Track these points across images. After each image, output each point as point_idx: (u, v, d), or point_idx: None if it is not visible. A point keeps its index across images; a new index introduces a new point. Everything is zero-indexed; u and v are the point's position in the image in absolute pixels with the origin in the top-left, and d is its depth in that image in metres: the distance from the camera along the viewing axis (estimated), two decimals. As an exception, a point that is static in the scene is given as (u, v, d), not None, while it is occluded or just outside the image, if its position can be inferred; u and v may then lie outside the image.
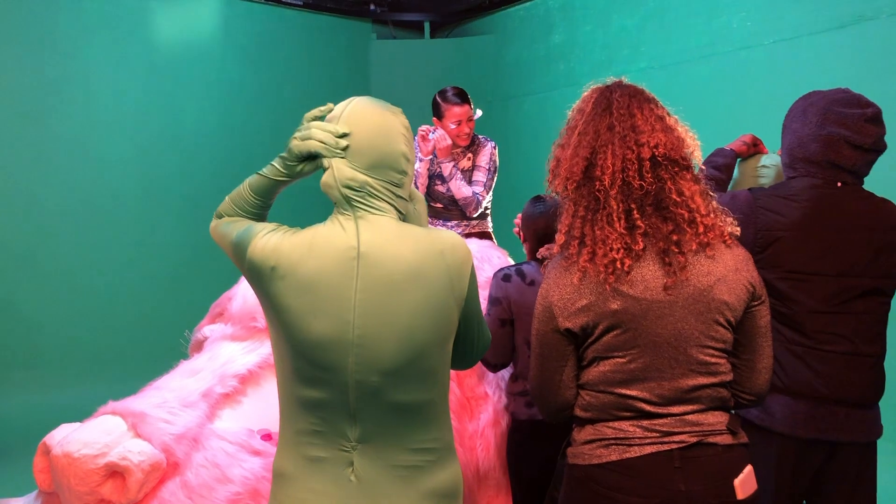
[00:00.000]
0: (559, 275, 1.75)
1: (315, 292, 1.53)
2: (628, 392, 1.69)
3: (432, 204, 3.79)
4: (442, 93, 3.60)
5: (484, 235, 3.75)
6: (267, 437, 2.25)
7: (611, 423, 1.72)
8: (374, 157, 1.57)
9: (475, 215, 3.68)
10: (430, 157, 3.62)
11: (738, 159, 2.65)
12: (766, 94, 4.51)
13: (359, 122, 1.59)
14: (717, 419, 1.71)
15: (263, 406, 2.35)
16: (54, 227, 5.40)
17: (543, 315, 1.76)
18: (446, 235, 1.61)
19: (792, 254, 2.11)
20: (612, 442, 1.70)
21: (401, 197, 1.63)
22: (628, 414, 1.70)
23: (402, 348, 1.52)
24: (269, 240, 1.60)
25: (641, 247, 1.68)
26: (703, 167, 2.15)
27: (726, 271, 1.69)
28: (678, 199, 1.71)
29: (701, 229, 1.70)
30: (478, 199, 3.61)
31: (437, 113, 3.61)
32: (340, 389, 1.54)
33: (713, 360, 1.70)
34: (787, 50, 4.52)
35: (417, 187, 3.66)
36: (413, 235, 1.57)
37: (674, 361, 1.68)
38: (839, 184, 2.14)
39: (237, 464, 2.08)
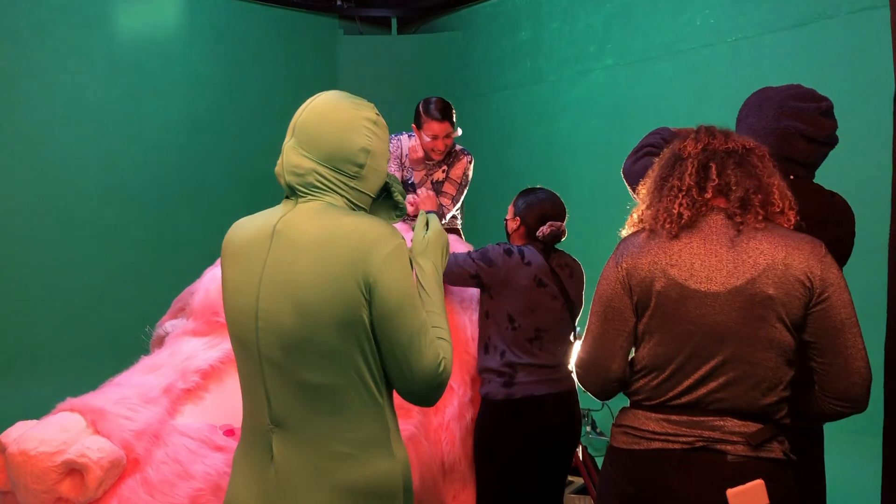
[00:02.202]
0: (631, 239, 1.79)
1: (236, 267, 1.62)
2: (656, 379, 1.72)
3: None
4: (426, 103, 3.48)
5: (451, 231, 3.75)
6: (229, 432, 2.23)
7: (639, 412, 1.75)
8: (329, 148, 1.59)
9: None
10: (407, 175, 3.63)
11: None
12: (728, 89, 4.54)
13: (317, 113, 1.61)
14: (739, 428, 1.65)
15: (226, 401, 2.33)
16: (12, 223, 5.28)
17: (614, 275, 1.76)
18: (370, 221, 1.55)
19: None
20: (632, 430, 1.74)
21: (357, 189, 1.63)
22: (652, 403, 1.73)
23: (298, 322, 1.51)
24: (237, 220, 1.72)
25: (710, 195, 1.69)
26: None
27: (774, 261, 1.62)
28: (759, 166, 1.71)
29: (779, 197, 1.70)
30: (442, 210, 3.60)
31: (417, 122, 3.52)
32: (254, 364, 1.59)
33: (758, 360, 1.63)
34: (750, 47, 4.58)
35: None
36: (332, 216, 1.56)
37: (705, 355, 1.65)
38: (791, 176, 2.17)
39: (199, 460, 2.06)
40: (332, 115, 1.61)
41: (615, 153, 5.49)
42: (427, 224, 1.75)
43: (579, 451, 3.70)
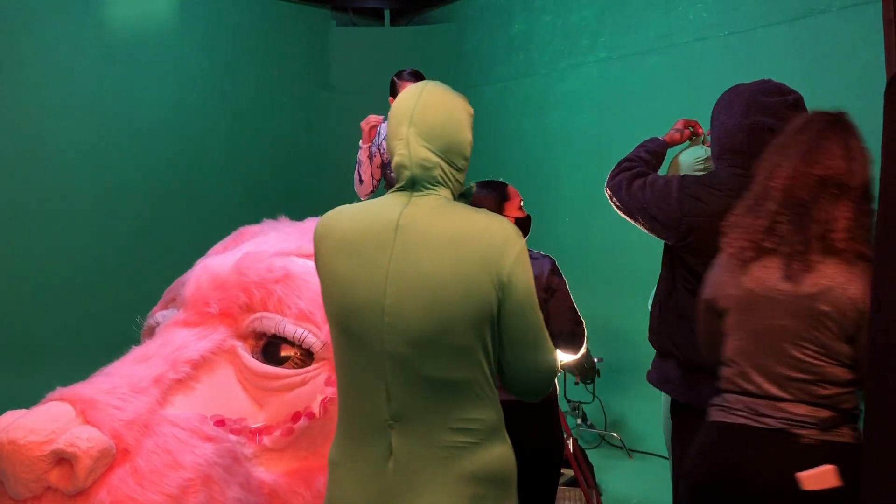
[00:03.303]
0: (719, 258, 2.02)
1: (352, 261, 1.57)
2: (738, 370, 1.91)
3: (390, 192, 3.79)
4: (398, 73, 3.72)
5: None
6: (220, 422, 2.23)
7: (726, 394, 1.95)
8: (447, 141, 1.62)
9: None
10: (368, 145, 3.67)
11: (681, 147, 2.67)
12: (720, 84, 4.52)
13: (435, 105, 1.63)
14: (808, 412, 1.81)
15: (217, 392, 2.33)
16: (2, 214, 5.26)
17: (704, 290, 2.04)
18: (497, 218, 1.60)
19: (713, 241, 2.15)
20: (721, 407, 1.94)
21: (458, 181, 1.68)
22: (737, 389, 1.92)
23: (429, 319, 1.51)
24: (332, 210, 1.69)
25: (771, 246, 1.87)
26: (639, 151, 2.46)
27: (833, 284, 1.80)
28: (820, 218, 1.84)
29: (830, 244, 1.82)
30: None
31: (393, 92, 3.69)
32: (374, 360, 1.55)
33: (808, 359, 1.81)
34: (742, 41, 4.59)
35: (360, 175, 3.70)
36: (458, 212, 1.59)
37: (770, 351, 1.85)
38: None
39: (189, 450, 2.05)
40: (449, 108, 1.64)
41: (607, 146, 5.50)
42: None
43: (570, 442, 3.72)
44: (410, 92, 1.67)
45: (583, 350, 2.67)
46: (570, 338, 2.59)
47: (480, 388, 1.57)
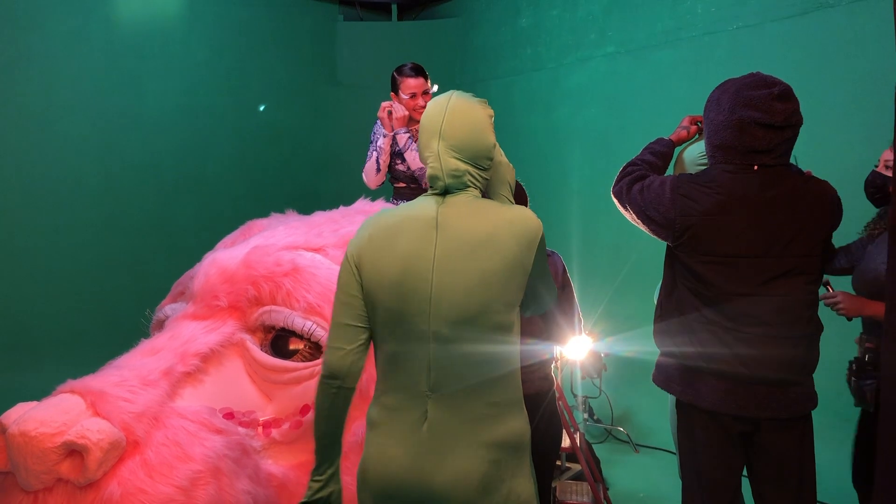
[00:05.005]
0: None
1: (398, 252, 1.76)
2: None
3: (395, 184, 3.78)
4: (398, 68, 3.68)
5: None
6: (229, 415, 2.24)
7: None
8: (474, 148, 1.83)
9: None
10: (393, 132, 3.64)
11: (685, 146, 2.66)
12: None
13: (459, 118, 1.83)
14: None
15: (225, 384, 2.34)
16: (12, 207, 5.29)
17: None
18: (517, 209, 1.83)
19: (707, 239, 2.15)
20: None
21: (485, 178, 1.89)
22: None
23: (472, 303, 1.72)
24: (377, 212, 1.89)
25: None
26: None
27: None
28: None
29: None
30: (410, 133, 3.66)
31: (394, 87, 3.66)
32: (420, 340, 1.75)
33: None
34: (751, 35, 4.56)
35: (380, 164, 3.66)
36: (486, 209, 1.80)
37: None
38: (755, 167, 2.16)
39: (198, 442, 2.07)
40: (473, 118, 1.85)
41: (614, 141, 5.50)
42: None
43: (577, 437, 3.72)
44: (437, 107, 1.86)
45: (590, 345, 2.70)
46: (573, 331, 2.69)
47: (510, 364, 1.80)
